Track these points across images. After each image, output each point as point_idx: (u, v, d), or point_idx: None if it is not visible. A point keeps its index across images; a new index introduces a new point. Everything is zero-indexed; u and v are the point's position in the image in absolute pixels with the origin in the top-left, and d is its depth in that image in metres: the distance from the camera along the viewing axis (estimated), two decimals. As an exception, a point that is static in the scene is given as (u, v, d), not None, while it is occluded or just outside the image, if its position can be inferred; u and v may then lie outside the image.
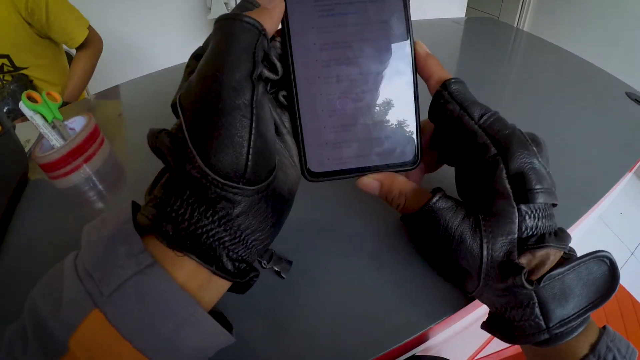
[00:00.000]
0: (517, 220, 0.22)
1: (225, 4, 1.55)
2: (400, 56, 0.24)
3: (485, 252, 0.22)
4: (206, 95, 0.18)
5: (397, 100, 0.24)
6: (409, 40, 0.24)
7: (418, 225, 0.25)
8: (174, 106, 0.21)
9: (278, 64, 0.22)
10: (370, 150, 0.24)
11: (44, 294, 0.17)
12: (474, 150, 0.23)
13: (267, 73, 0.21)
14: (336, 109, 0.23)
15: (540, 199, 0.21)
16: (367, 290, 0.28)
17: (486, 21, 0.92)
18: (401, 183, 0.26)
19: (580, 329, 0.22)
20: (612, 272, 0.22)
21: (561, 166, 0.42)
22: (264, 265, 0.27)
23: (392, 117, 0.24)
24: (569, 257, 0.23)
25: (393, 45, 0.23)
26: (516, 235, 0.22)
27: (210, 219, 0.18)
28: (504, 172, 0.22)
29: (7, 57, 1.04)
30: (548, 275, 0.21)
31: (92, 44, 1.16)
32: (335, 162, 0.24)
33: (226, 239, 0.19)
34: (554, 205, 0.23)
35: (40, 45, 1.09)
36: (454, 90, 0.24)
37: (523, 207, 0.22)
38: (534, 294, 0.21)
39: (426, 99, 0.26)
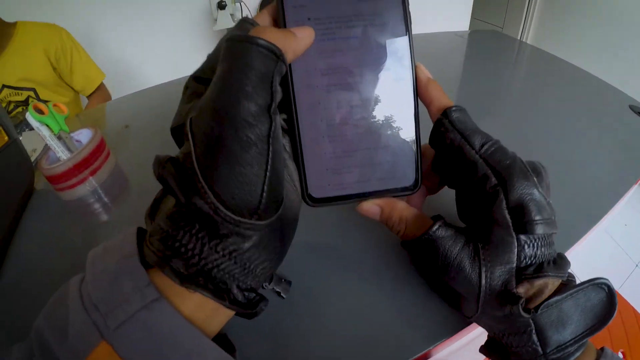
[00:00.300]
0: (516, 249, 0.22)
1: (232, 15, 1.57)
2: (402, 81, 0.24)
3: (483, 281, 0.22)
4: (219, 128, 0.17)
5: (398, 125, 0.24)
6: (410, 65, 0.24)
7: (418, 252, 0.25)
8: (173, 130, 0.20)
9: (278, 87, 0.21)
10: (371, 175, 0.24)
11: (49, 319, 0.17)
12: (474, 179, 0.23)
13: None
14: (337, 135, 0.23)
15: (540, 230, 0.21)
16: (367, 311, 0.28)
17: (489, 34, 0.92)
18: (401, 209, 0.26)
19: (578, 354, 0.21)
20: (610, 299, 0.22)
21: (565, 182, 0.42)
22: (264, 287, 0.27)
23: (393, 143, 0.24)
24: (567, 282, 0.23)
25: (394, 70, 0.23)
26: (515, 265, 0.22)
27: (221, 253, 0.18)
28: (504, 202, 0.22)
29: (34, 90, 1.18)
30: (545, 303, 0.21)
31: (102, 92, 1.32)
32: (337, 187, 0.24)
33: (236, 271, 0.18)
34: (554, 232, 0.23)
35: (61, 87, 1.25)
36: (455, 119, 0.23)
37: (522, 236, 0.22)
38: (531, 321, 0.21)
39: (427, 122, 0.26)
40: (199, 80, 0.21)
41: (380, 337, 0.27)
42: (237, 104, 0.17)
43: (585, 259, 1.25)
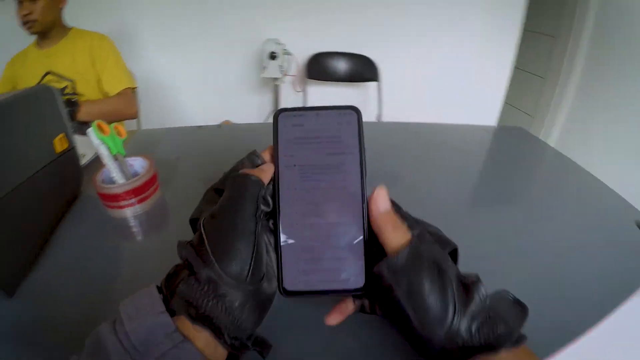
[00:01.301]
0: None
1: (280, 66, 1.69)
2: (356, 212, 0.31)
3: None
4: (226, 227, 0.28)
5: (351, 243, 0.31)
6: (362, 200, 0.32)
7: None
8: (192, 221, 0.32)
9: (270, 200, 0.31)
10: (331, 278, 0.31)
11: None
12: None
13: (262, 207, 0.30)
14: (307, 248, 0.31)
15: None
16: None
17: (514, 131, 0.97)
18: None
19: None
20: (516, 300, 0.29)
21: (556, 292, 0.44)
22: (249, 345, 0.32)
23: (348, 255, 0.31)
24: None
25: (350, 204, 0.32)
26: None
27: (220, 308, 0.26)
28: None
29: (72, 81, 1.36)
30: None
31: (124, 98, 1.41)
32: (305, 284, 0.31)
33: (228, 322, 0.26)
34: None
35: (97, 85, 1.41)
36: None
37: None
38: None
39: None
40: (216, 191, 0.33)
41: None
42: (236, 212, 0.29)
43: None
